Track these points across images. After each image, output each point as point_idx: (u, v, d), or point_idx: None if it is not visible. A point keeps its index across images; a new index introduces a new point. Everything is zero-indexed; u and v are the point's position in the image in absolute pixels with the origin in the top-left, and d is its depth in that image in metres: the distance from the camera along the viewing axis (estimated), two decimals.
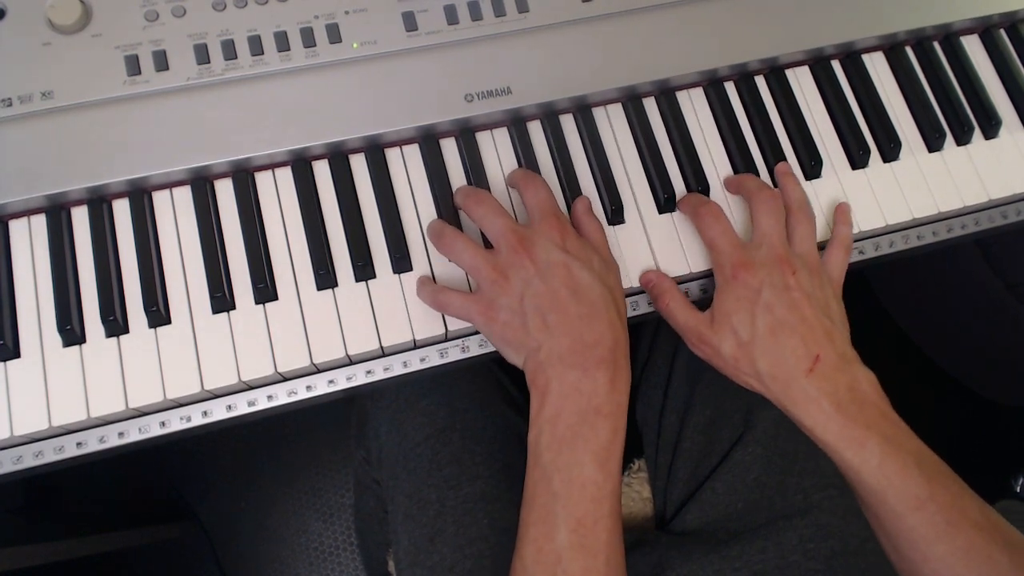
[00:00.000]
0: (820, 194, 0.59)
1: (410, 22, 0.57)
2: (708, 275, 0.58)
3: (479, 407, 0.68)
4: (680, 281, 0.57)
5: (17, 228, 0.53)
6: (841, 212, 0.58)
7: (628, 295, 0.57)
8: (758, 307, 0.51)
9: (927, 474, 0.47)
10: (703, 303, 0.58)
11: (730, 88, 0.61)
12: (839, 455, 0.49)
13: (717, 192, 0.58)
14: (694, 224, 0.56)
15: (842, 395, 0.49)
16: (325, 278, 0.53)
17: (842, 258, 0.57)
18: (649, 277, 0.56)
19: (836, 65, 0.63)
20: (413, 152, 0.57)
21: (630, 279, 0.55)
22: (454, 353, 0.55)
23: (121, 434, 0.51)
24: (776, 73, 0.62)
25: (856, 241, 0.59)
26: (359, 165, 0.56)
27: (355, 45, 0.56)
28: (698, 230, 0.55)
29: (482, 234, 0.55)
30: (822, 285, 0.53)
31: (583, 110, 0.59)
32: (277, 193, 0.55)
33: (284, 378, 0.53)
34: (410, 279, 0.54)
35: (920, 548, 0.47)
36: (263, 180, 0.55)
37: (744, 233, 0.57)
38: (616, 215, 0.56)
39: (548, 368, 0.48)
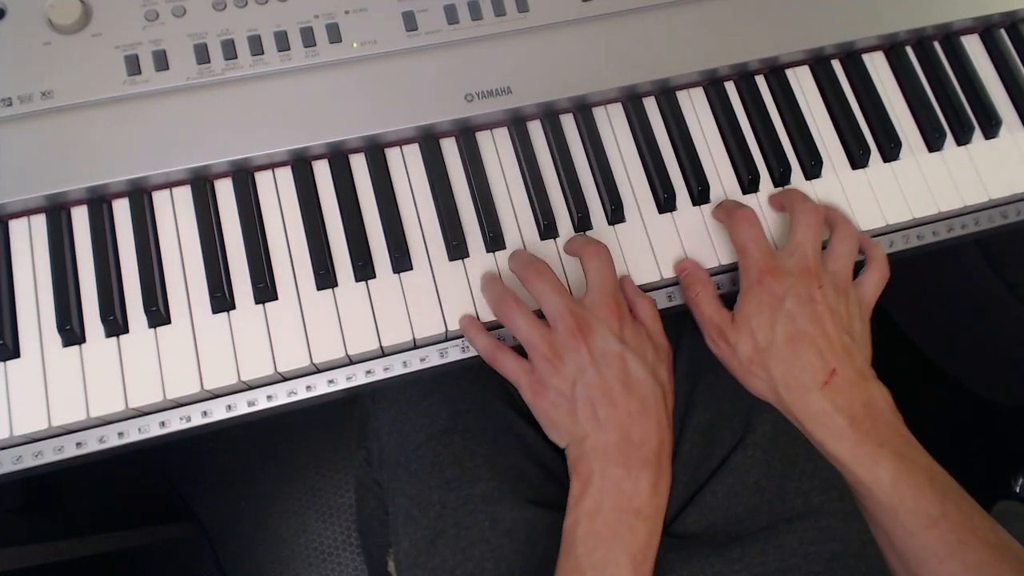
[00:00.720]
0: (820, 194, 0.59)
1: (410, 22, 0.57)
2: (712, 274, 0.57)
3: (481, 408, 0.68)
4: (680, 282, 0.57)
5: (17, 228, 0.53)
6: (869, 242, 0.57)
7: None
8: (780, 314, 0.50)
9: (940, 492, 0.47)
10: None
11: (730, 88, 0.61)
12: (851, 471, 0.48)
13: (717, 192, 0.58)
14: (727, 227, 0.55)
15: (856, 411, 0.48)
16: (325, 278, 0.53)
17: (877, 281, 0.55)
18: (685, 265, 0.56)
19: (836, 65, 0.63)
20: (413, 152, 0.57)
21: (633, 277, 0.55)
22: (454, 353, 0.55)
23: (121, 434, 0.51)
24: (776, 73, 0.62)
25: None
26: (359, 165, 0.56)
27: (355, 45, 0.56)
28: (730, 233, 0.54)
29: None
30: (848, 304, 0.52)
31: (583, 110, 0.59)
32: (277, 193, 0.55)
33: (284, 378, 0.53)
34: (410, 279, 0.54)
35: (931, 566, 0.46)
36: (263, 180, 0.55)
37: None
38: (616, 214, 0.56)
39: (592, 460, 0.48)
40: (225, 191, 0.55)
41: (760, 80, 0.62)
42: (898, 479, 0.47)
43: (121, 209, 0.54)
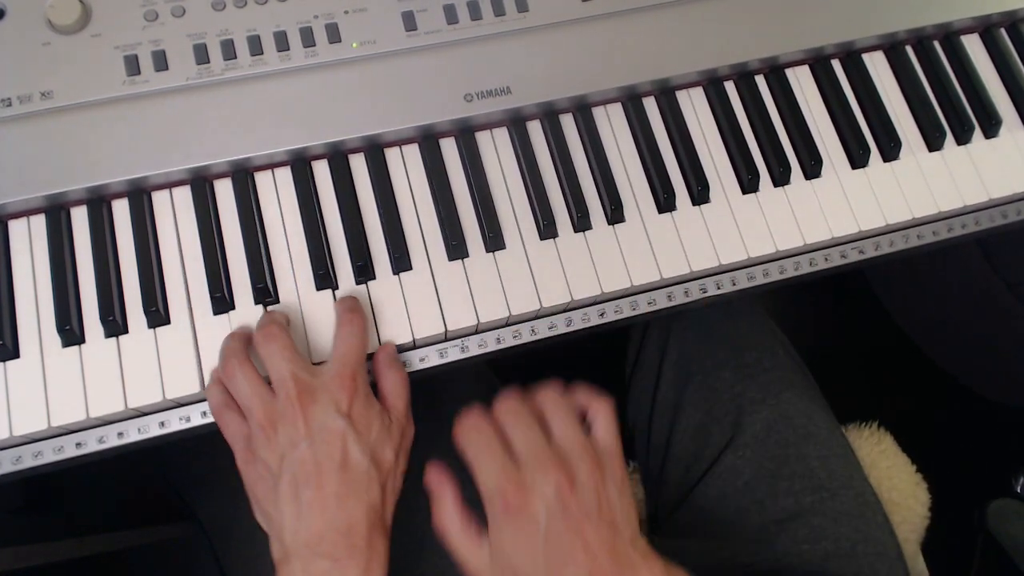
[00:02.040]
0: (820, 194, 0.59)
1: (410, 22, 0.57)
2: (709, 275, 0.57)
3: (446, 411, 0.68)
4: (681, 281, 0.57)
5: (16, 228, 0.53)
6: (580, 396, 0.49)
7: (628, 295, 0.57)
8: (538, 543, 0.43)
9: None
10: (703, 304, 0.58)
11: (730, 87, 0.61)
12: None
13: (717, 191, 0.58)
14: (459, 445, 0.48)
15: None
16: (324, 278, 0.53)
17: (607, 425, 0.48)
18: (430, 482, 0.49)
19: (836, 64, 0.63)
20: (413, 152, 0.57)
21: (632, 279, 0.55)
22: (453, 353, 0.55)
23: (120, 434, 0.51)
24: (776, 72, 0.62)
25: (856, 241, 0.59)
26: (359, 165, 0.56)
27: (355, 45, 0.56)
28: (461, 450, 0.47)
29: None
30: (603, 481, 0.45)
31: (583, 110, 0.59)
32: (277, 193, 0.55)
33: None
34: (410, 279, 0.54)
35: None
36: (263, 180, 0.55)
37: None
38: (616, 214, 0.56)
39: (294, 557, 0.45)
40: (225, 191, 0.55)
41: (760, 80, 0.62)
42: None
43: (121, 209, 0.54)
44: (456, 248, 0.54)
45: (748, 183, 0.58)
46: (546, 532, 0.43)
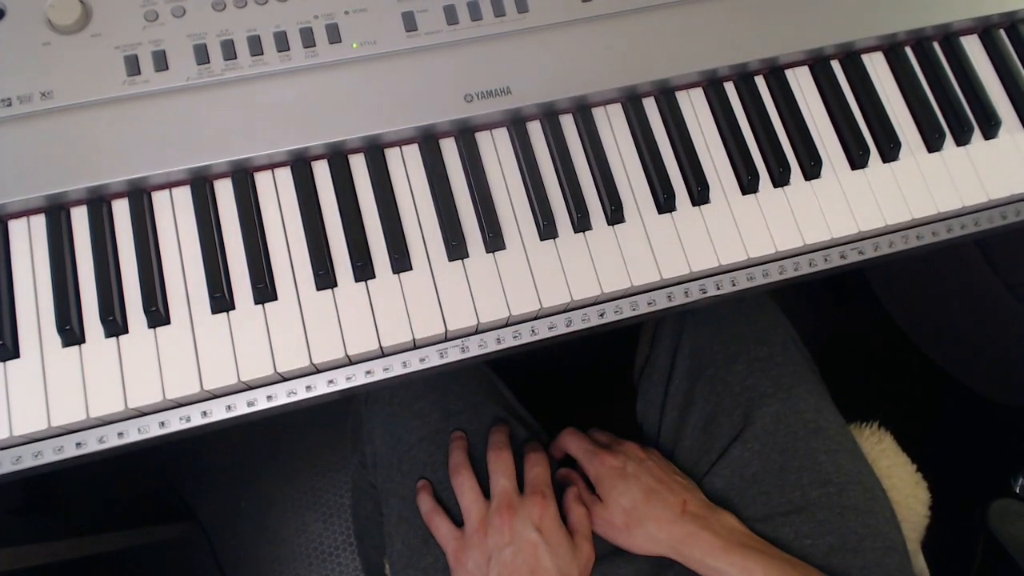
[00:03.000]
0: (820, 194, 0.59)
1: (410, 22, 0.57)
2: (708, 275, 0.58)
3: (473, 409, 0.68)
4: (680, 281, 0.57)
5: (17, 228, 0.53)
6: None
7: (628, 295, 0.57)
8: (627, 478, 0.63)
9: (804, 571, 0.57)
10: (703, 305, 0.58)
11: (730, 88, 0.61)
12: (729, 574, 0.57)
13: (717, 192, 0.58)
14: (578, 458, 0.68)
15: (716, 528, 0.59)
16: (324, 278, 0.53)
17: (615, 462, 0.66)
18: (561, 473, 0.68)
19: (836, 65, 0.63)
20: (413, 152, 0.57)
21: (632, 278, 0.55)
22: (454, 353, 0.55)
23: (120, 434, 0.51)
24: (776, 73, 0.62)
25: (855, 242, 0.60)
26: (359, 165, 0.56)
27: (355, 45, 0.56)
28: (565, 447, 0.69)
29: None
30: (659, 463, 0.66)
31: (583, 110, 0.59)
32: (277, 193, 0.55)
33: (283, 378, 0.53)
34: (409, 279, 0.54)
35: None
36: (263, 180, 0.55)
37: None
38: (615, 215, 0.56)
39: None
40: (225, 191, 0.55)
41: (760, 80, 0.62)
42: (768, 570, 0.56)
43: (121, 209, 0.54)
44: (456, 248, 0.54)
45: (748, 184, 0.58)
46: (633, 473, 0.64)
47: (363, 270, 0.53)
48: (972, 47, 0.64)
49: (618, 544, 0.63)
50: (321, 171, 0.56)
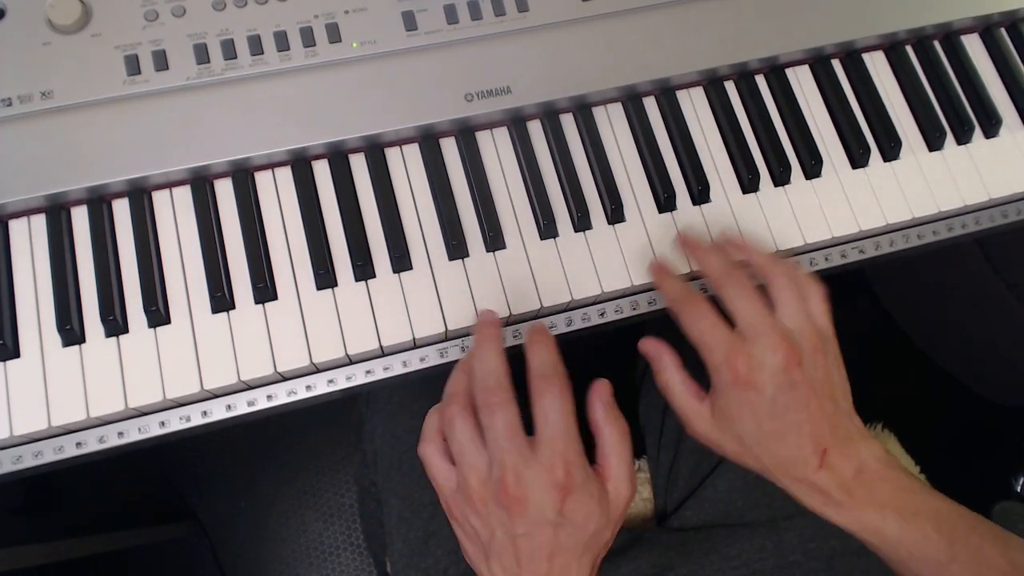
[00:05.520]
0: (820, 193, 0.59)
1: (410, 21, 0.57)
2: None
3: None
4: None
5: (17, 228, 0.53)
6: (793, 274, 0.50)
7: (628, 295, 0.57)
8: (762, 411, 0.46)
9: (947, 536, 0.46)
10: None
11: (730, 87, 0.61)
12: (857, 535, 0.47)
13: (717, 191, 0.58)
14: (678, 315, 0.49)
15: (851, 482, 0.47)
16: (325, 278, 0.53)
17: (824, 308, 0.50)
18: (648, 349, 0.51)
19: (836, 64, 0.63)
20: (413, 152, 0.57)
21: (632, 277, 0.55)
22: (454, 353, 0.55)
23: (121, 434, 0.51)
24: (776, 72, 0.62)
25: (856, 241, 0.59)
26: (359, 165, 0.56)
27: (355, 45, 0.56)
28: (683, 324, 0.49)
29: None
30: (825, 359, 0.48)
31: (583, 109, 0.59)
32: (277, 193, 0.55)
33: (284, 378, 0.53)
34: (410, 278, 0.54)
35: None
36: (263, 180, 0.55)
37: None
38: (616, 214, 0.56)
39: None
40: (225, 191, 0.55)
41: (760, 80, 0.62)
42: (903, 535, 0.46)
43: (121, 209, 0.54)
44: (456, 248, 0.54)
45: (748, 183, 0.58)
46: (772, 402, 0.46)
47: (363, 269, 0.53)
48: (973, 46, 0.64)
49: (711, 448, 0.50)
50: (321, 170, 0.56)
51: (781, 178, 0.59)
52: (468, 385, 0.46)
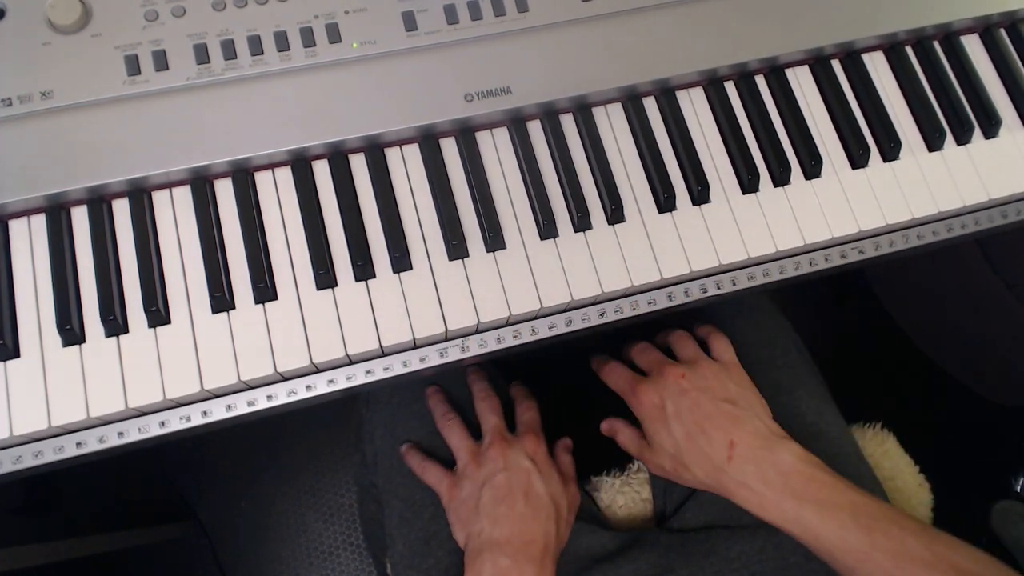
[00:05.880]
0: (820, 194, 0.59)
1: (410, 22, 0.57)
2: (709, 275, 0.57)
3: (472, 409, 0.68)
4: (681, 281, 0.57)
5: (17, 228, 0.53)
6: (702, 328, 0.65)
7: (628, 295, 0.57)
8: (671, 424, 0.57)
9: (865, 526, 0.49)
10: (704, 304, 0.58)
11: (730, 88, 0.61)
12: (784, 529, 0.52)
13: (717, 191, 0.58)
14: (602, 378, 0.65)
15: (768, 473, 0.53)
16: (325, 278, 0.53)
17: (723, 344, 0.63)
18: (605, 429, 0.66)
19: (836, 65, 0.63)
20: (413, 152, 0.57)
21: (632, 278, 0.55)
22: (454, 353, 0.55)
23: (121, 434, 0.51)
24: (776, 72, 0.62)
25: (856, 241, 0.60)
26: (359, 165, 0.56)
27: (355, 45, 0.56)
28: (605, 381, 0.64)
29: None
30: (716, 375, 0.59)
31: (583, 110, 0.59)
32: (277, 193, 0.55)
33: (284, 378, 0.53)
34: (410, 278, 0.54)
35: None
36: (263, 180, 0.55)
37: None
38: (616, 214, 0.56)
39: (485, 551, 0.56)
40: (225, 191, 0.55)
41: (760, 80, 0.62)
42: (822, 526, 0.50)
43: (121, 209, 0.54)
44: (456, 248, 0.54)
45: (748, 183, 0.58)
46: (672, 414, 0.57)
47: (363, 269, 0.53)
48: (973, 46, 0.64)
49: (669, 478, 0.61)
50: (321, 171, 0.56)
51: (781, 178, 0.59)
52: (448, 406, 0.67)
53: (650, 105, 0.60)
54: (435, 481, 0.63)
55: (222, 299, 0.52)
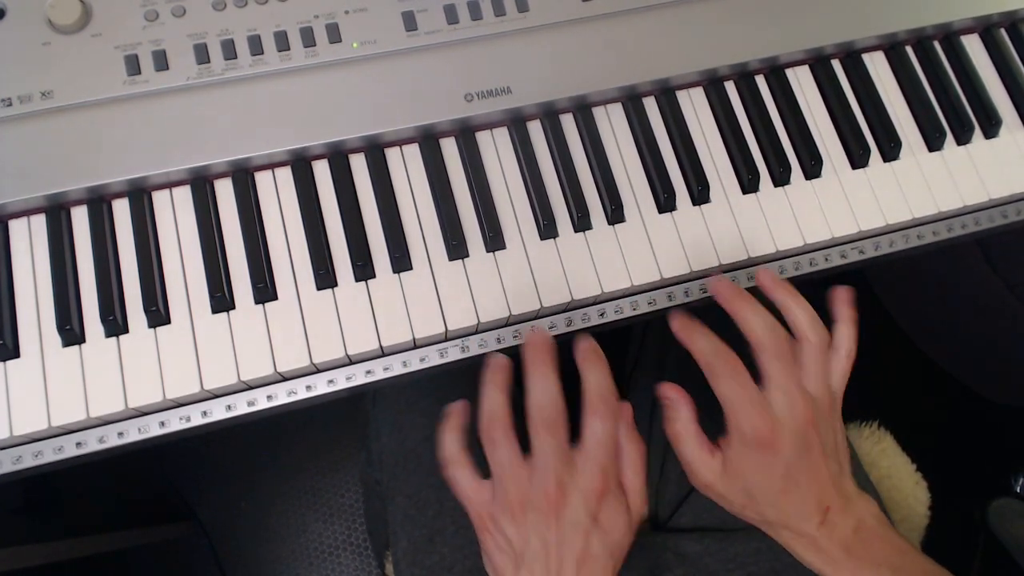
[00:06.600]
0: (820, 194, 0.59)
1: (410, 22, 0.57)
2: (709, 274, 0.57)
3: (478, 406, 0.68)
4: (681, 281, 0.57)
5: (17, 228, 0.53)
6: (841, 331, 0.51)
7: (628, 295, 0.57)
8: (778, 472, 0.47)
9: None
10: (704, 302, 0.58)
11: (730, 87, 0.61)
12: None
13: (717, 191, 0.58)
14: (706, 375, 0.49)
15: (850, 539, 0.48)
16: (325, 278, 0.53)
17: (846, 371, 0.51)
18: (668, 395, 0.51)
19: (836, 64, 0.63)
20: (413, 152, 0.57)
21: (632, 278, 0.55)
22: (454, 353, 0.55)
23: (121, 434, 0.51)
24: (776, 72, 0.62)
25: (856, 241, 0.60)
26: (359, 165, 0.56)
27: (355, 45, 0.56)
28: (711, 384, 0.49)
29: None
30: (834, 424, 0.50)
31: (583, 110, 0.59)
32: (277, 193, 0.55)
33: (284, 378, 0.53)
34: (410, 278, 0.54)
35: None
36: (263, 180, 0.55)
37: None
38: (616, 214, 0.56)
39: None
40: (225, 191, 0.55)
41: (760, 80, 0.62)
42: None
43: (121, 209, 0.54)
44: (456, 248, 0.54)
45: (748, 183, 0.58)
46: (787, 464, 0.47)
47: (363, 269, 0.53)
48: (973, 46, 0.64)
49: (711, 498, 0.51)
50: (321, 171, 0.56)
51: (781, 178, 0.59)
52: (503, 402, 0.48)
53: (650, 105, 0.60)
54: (465, 494, 0.49)
55: (222, 299, 0.52)
